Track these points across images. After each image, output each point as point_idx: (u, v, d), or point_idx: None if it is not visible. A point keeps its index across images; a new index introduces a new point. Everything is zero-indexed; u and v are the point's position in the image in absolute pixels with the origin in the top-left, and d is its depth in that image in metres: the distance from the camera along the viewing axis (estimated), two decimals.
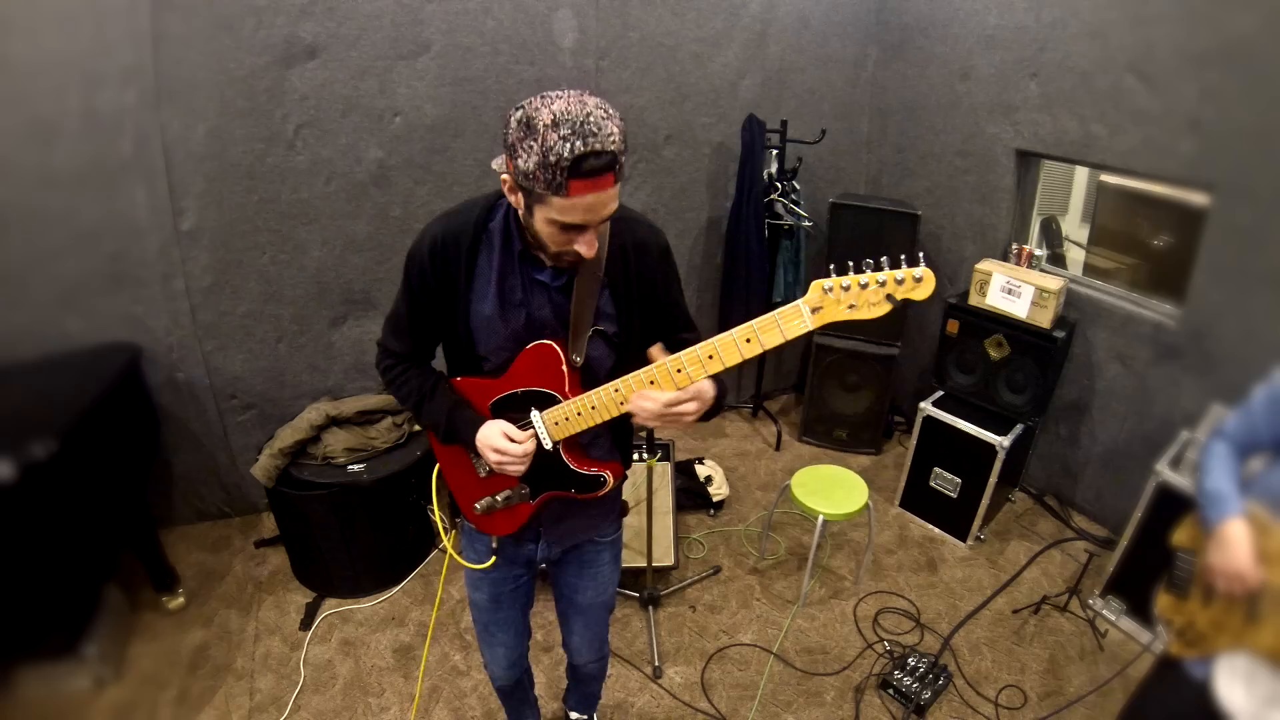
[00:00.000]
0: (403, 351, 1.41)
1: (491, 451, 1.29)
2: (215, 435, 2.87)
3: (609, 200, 1.07)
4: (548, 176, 1.01)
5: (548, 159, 0.99)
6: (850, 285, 1.01)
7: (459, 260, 1.25)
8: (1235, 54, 2.27)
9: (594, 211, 1.06)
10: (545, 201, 1.05)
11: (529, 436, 1.29)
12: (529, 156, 1.01)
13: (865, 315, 1.04)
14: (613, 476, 1.35)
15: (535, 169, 1.01)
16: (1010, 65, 2.99)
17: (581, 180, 1.01)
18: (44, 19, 2.13)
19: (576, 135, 0.98)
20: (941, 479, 3.04)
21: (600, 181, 1.03)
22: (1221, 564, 1.36)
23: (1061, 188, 3.54)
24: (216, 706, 2.22)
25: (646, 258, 1.30)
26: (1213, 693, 1.39)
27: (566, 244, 1.11)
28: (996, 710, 2.28)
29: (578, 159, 0.99)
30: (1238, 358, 2.44)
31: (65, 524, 2.04)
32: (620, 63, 3.03)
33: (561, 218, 1.06)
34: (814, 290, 1.04)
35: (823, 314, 1.05)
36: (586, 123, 0.99)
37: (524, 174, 1.04)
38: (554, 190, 1.02)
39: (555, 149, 0.98)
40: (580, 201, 1.04)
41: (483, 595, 1.61)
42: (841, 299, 1.03)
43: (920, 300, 1.02)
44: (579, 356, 1.25)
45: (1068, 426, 3.12)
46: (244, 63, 2.40)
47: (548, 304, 1.27)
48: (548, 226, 1.10)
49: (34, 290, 2.37)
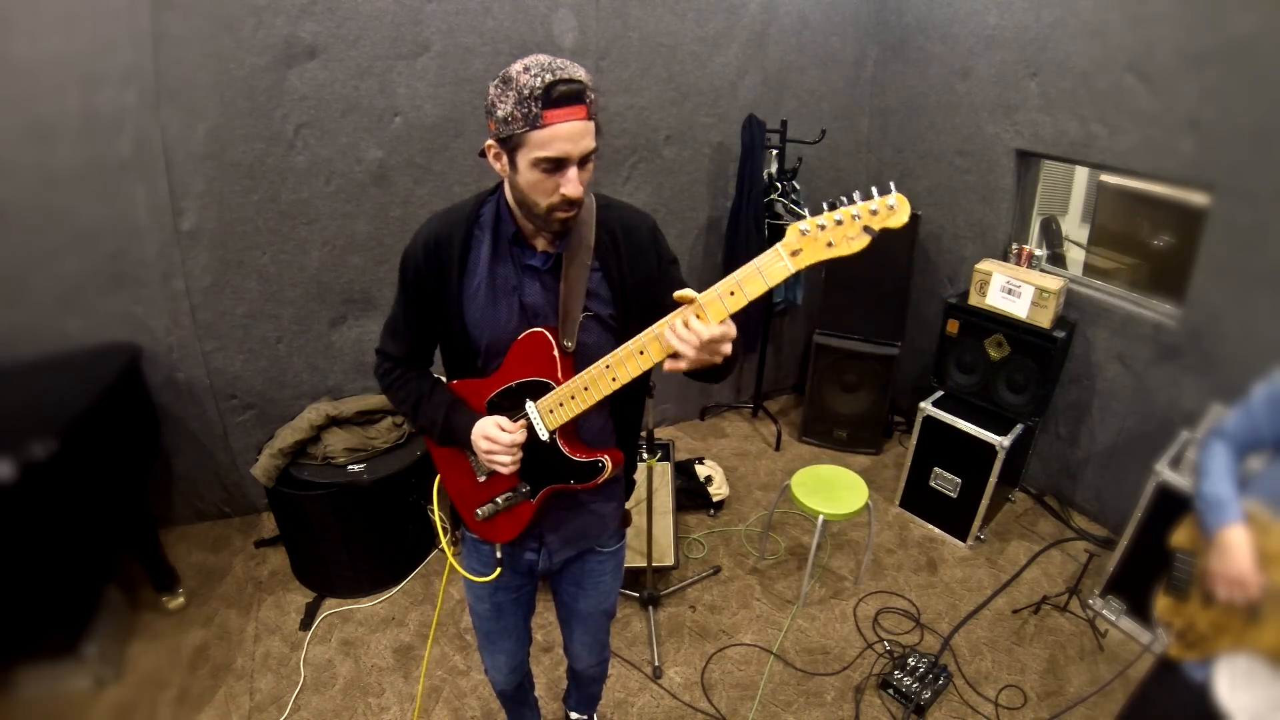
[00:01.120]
0: (400, 355, 1.42)
1: (483, 440, 1.29)
2: (215, 435, 2.87)
3: (585, 132, 1.11)
4: (524, 111, 1.07)
5: (522, 94, 1.06)
6: (826, 223, 1.01)
7: (451, 255, 1.27)
8: (1235, 54, 2.27)
9: (572, 141, 1.10)
10: (525, 142, 1.10)
11: (520, 426, 1.29)
12: (506, 103, 1.08)
13: (845, 251, 1.03)
14: (611, 461, 1.34)
15: (512, 108, 1.08)
16: (1010, 65, 2.98)
17: (555, 109, 1.07)
18: (44, 19, 2.13)
19: (545, 70, 1.06)
20: (941, 479, 3.04)
21: (573, 110, 1.08)
22: (1222, 571, 1.35)
23: (1061, 188, 3.54)
24: (216, 706, 2.22)
25: (635, 238, 1.31)
26: (1213, 694, 1.39)
27: (553, 191, 1.14)
28: (996, 710, 2.28)
29: (548, 86, 1.05)
30: (1238, 358, 2.44)
31: (65, 524, 2.04)
32: (620, 63, 3.03)
33: (542, 152, 1.10)
34: (791, 233, 1.04)
35: (802, 255, 1.04)
36: (553, 62, 1.08)
37: (502, 121, 1.10)
38: (531, 123, 1.07)
39: (527, 84, 1.06)
40: (558, 131, 1.08)
41: (484, 605, 1.61)
42: (819, 237, 1.02)
43: (897, 228, 1.01)
44: (570, 342, 1.25)
45: (1068, 426, 3.12)
46: (244, 63, 2.40)
47: (539, 288, 1.28)
48: (532, 172, 1.12)
49: (34, 290, 2.37)
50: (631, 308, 1.29)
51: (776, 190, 3.40)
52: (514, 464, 1.30)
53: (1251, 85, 2.26)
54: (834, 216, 1.01)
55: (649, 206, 3.35)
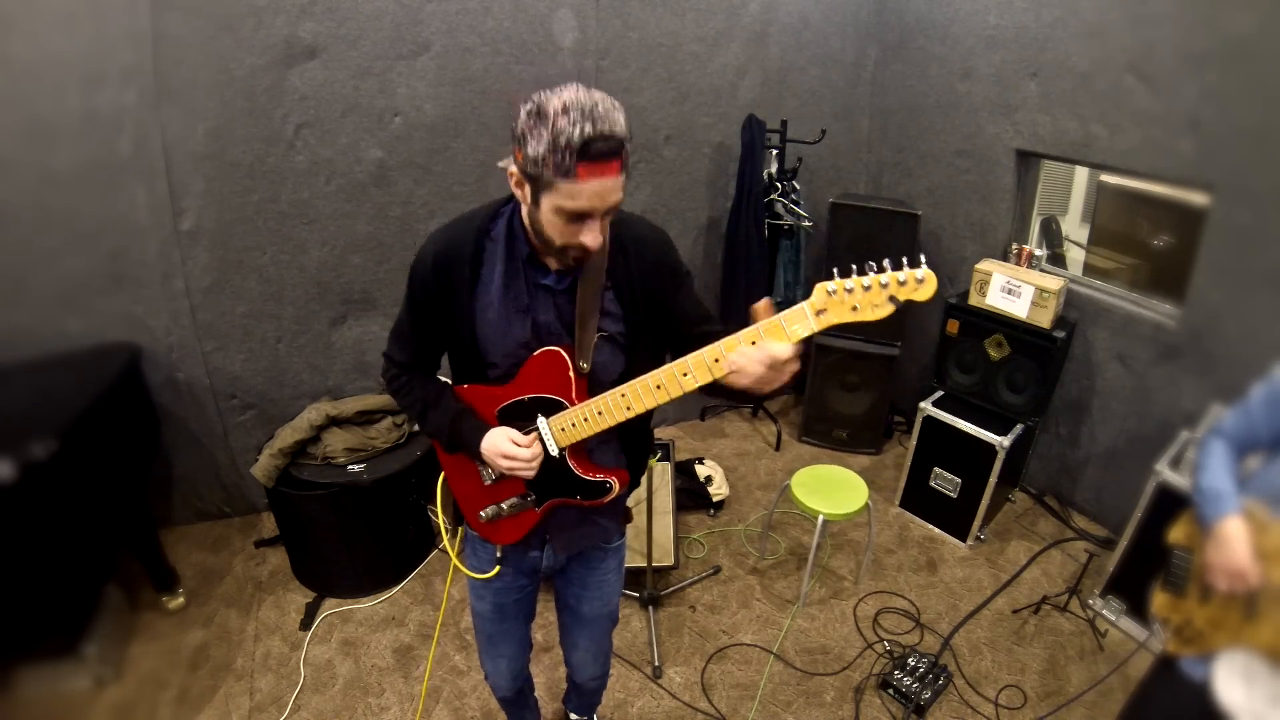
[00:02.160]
0: (407, 361, 1.41)
1: (501, 459, 1.29)
2: (215, 435, 2.87)
3: (614, 188, 1.08)
4: (557, 159, 1.02)
5: (557, 141, 1.01)
6: (854, 287, 1.02)
7: (462, 270, 1.25)
8: (1235, 54, 2.27)
9: (600, 198, 1.07)
10: (553, 188, 1.06)
11: (533, 440, 1.29)
12: (539, 142, 1.03)
13: (868, 317, 1.04)
14: (619, 483, 1.34)
15: (545, 152, 1.03)
16: (1010, 65, 2.98)
17: (589, 164, 1.03)
18: (44, 19, 2.13)
19: (585, 119, 1.01)
20: (941, 479, 3.03)
21: (607, 166, 1.05)
22: (1220, 562, 1.36)
23: (1061, 188, 3.54)
24: (216, 706, 2.22)
25: (647, 253, 1.29)
26: (1212, 691, 1.39)
27: (573, 236, 1.12)
28: (996, 710, 2.28)
29: (586, 141, 1.01)
30: (1238, 358, 2.44)
31: (65, 524, 2.04)
32: (620, 63, 3.03)
33: (569, 203, 1.07)
34: (818, 292, 1.04)
35: (826, 315, 1.05)
36: (595, 109, 1.02)
37: (532, 160, 1.05)
38: (562, 174, 1.04)
39: (565, 132, 1.00)
40: (587, 186, 1.05)
41: (486, 605, 1.60)
42: (845, 300, 1.03)
43: (922, 301, 1.02)
44: (585, 363, 1.25)
45: (1068, 426, 3.12)
46: (244, 63, 2.40)
47: (552, 308, 1.26)
48: (554, 216, 1.10)
49: (34, 290, 2.37)
50: (640, 325, 1.29)
51: (776, 190, 3.40)
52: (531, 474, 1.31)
53: (1251, 85, 2.26)
54: (862, 282, 1.02)
55: (649, 206, 3.35)
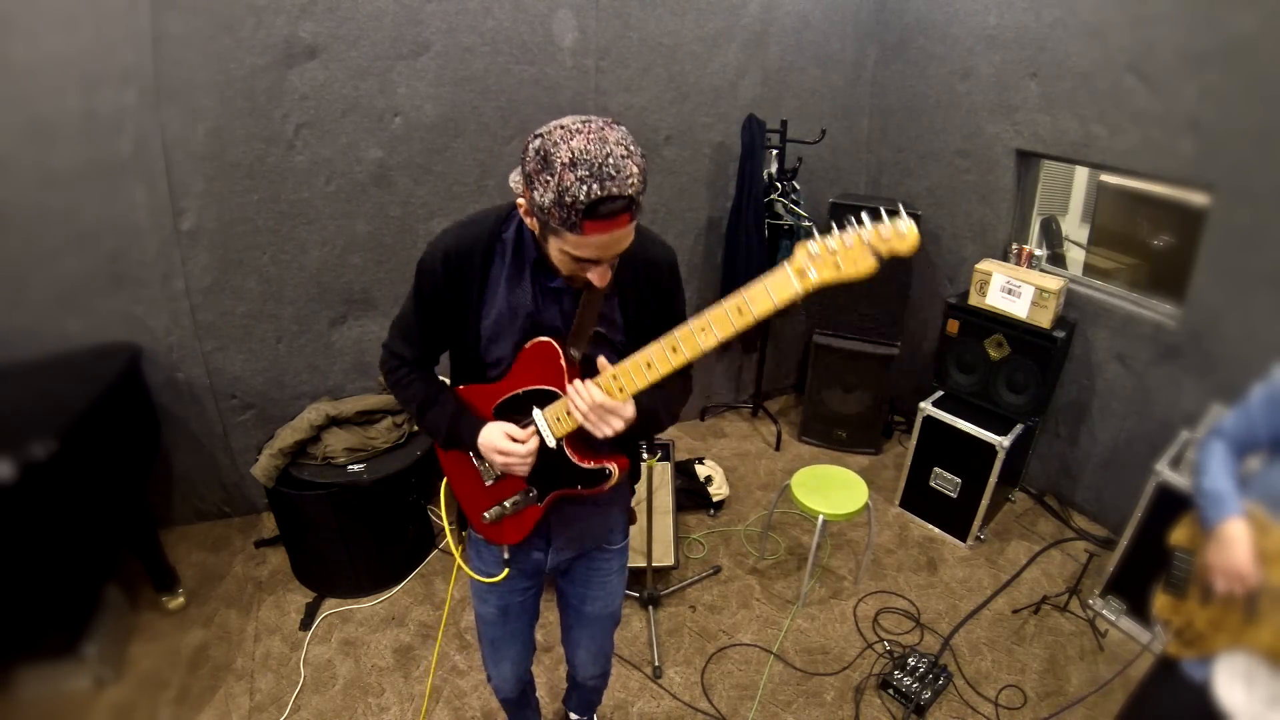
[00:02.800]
0: (410, 356, 1.42)
1: (496, 454, 1.29)
2: (215, 435, 2.87)
3: (623, 238, 1.08)
4: (563, 215, 1.01)
5: (563, 199, 0.99)
6: (835, 245, 1.01)
7: (473, 271, 1.25)
8: (1235, 54, 2.27)
9: (607, 249, 1.08)
10: (559, 235, 1.06)
11: (531, 433, 1.29)
12: (545, 191, 1.00)
13: (852, 274, 1.02)
14: (617, 468, 1.34)
15: (551, 205, 1.01)
16: (1010, 65, 2.99)
17: (597, 221, 1.01)
18: (44, 19, 2.13)
19: (594, 178, 0.97)
20: (941, 479, 3.04)
21: (616, 222, 1.03)
22: (1221, 563, 1.36)
23: (1061, 188, 3.54)
24: (216, 706, 2.22)
25: (656, 274, 1.31)
26: (1212, 693, 1.39)
27: (579, 272, 1.13)
28: (996, 710, 2.28)
29: (594, 203, 0.98)
30: (1238, 358, 2.44)
31: (65, 524, 2.04)
32: (620, 63, 3.03)
33: (575, 252, 1.08)
34: (799, 253, 1.03)
35: (810, 277, 1.04)
36: (605, 164, 0.98)
37: (539, 207, 1.04)
38: (568, 228, 1.03)
39: (572, 190, 0.98)
40: (594, 240, 1.04)
41: (490, 609, 1.60)
42: (827, 259, 1.02)
43: (905, 253, 1.01)
44: (577, 351, 1.26)
45: (1068, 426, 3.12)
46: (244, 63, 2.40)
47: (558, 311, 1.27)
48: (561, 256, 1.11)
49: (34, 290, 2.37)
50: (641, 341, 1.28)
51: (776, 190, 3.40)
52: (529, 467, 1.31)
53: (1251, 85, 2.26)
54: (844, 239, 1.00)
55: (649, 206, 3.34)
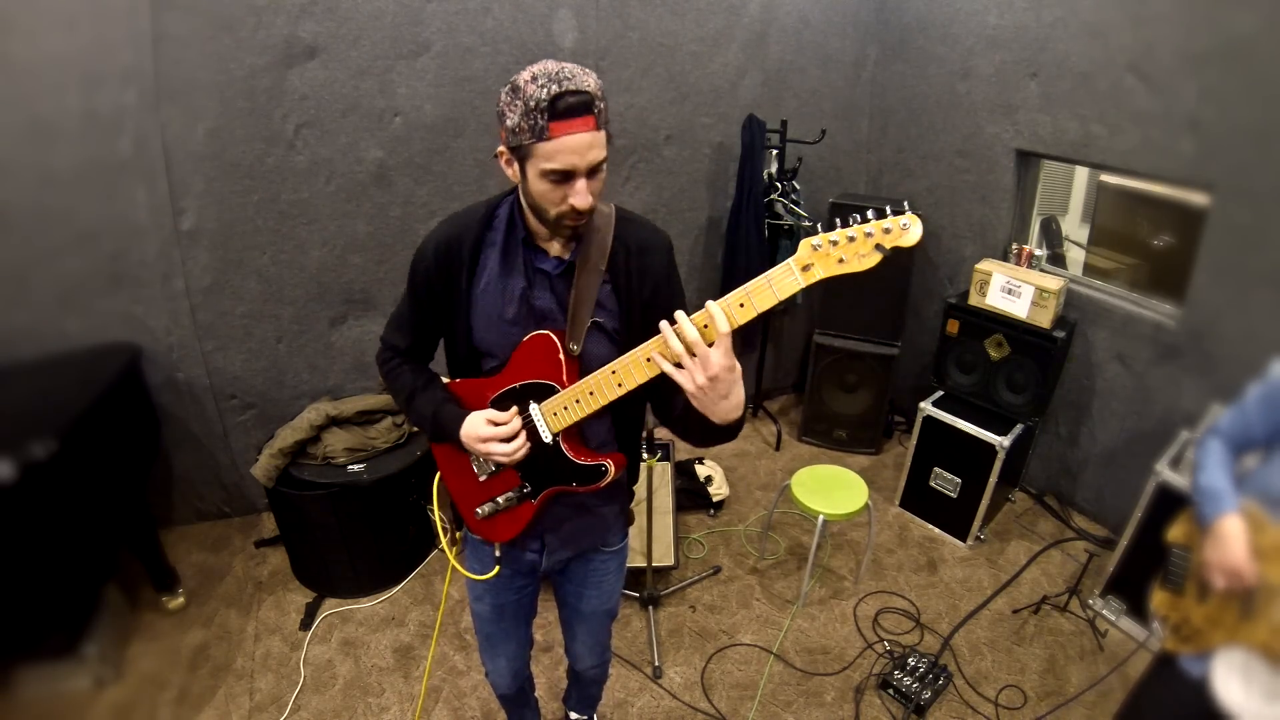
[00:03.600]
0: (403, 346, 1.44)
1: (478, 443, 1.28)
2: (215, 435, 2.87)
3: (592, 143, 1.10)
4: (530, 123, 1.07)
5: (528, 105, 1.06)
6: (839, 239, 1.02)
7: (462, 258, 1.27)
8: (1235, 54, 2.27)
9: (579, 154, 1.09)
10: (533, 153, 1.10)
11: (512, 416, 1.28)
12: (514, 113, 1.09)
13: (856, 267, 1.04)
14: (614, 466, 1.34)
15: (520, 120, 1.08)
16: (1010, 65, 2.98)
17: (561, 121, 1.06)
18: (44, 19, 2.13)
19: (552, 81, 1.06)
20: (941, 479, 3.03)
21: (579, 122, 1.07)
22: (1218, 560, 1.37)
23: (1061, 188, 3.54)
24: (216, 706, 2.22)
25: (649, 257, 1.30)
26: (1211, 689, 1.39)
27: (562, 200, 1.14)
28: (996, 710, 2.28)
29: (554, 99, 1.05)
30: (1238, 358, 2.44)
31: (65, 524, 2.04)
32: (620, 63, 3.03)
33: (549, 164, 1.10)
34: (803, 248, 1.04)
35: (813, 270, 1.04)
36: (561, 72, 1.07)
37: (511, 131, 1.10)
38: (537, 135, 1.07)
39: (534, 96, 1.06)
40: (563, 143, 1.08)
41: (485, 606, 1.60)
42: (830, 253, 1.03)
43: (908, 247, 1.03)
44: (576, 345, 1.25)
45: (1068, 426, 3.12)
46: (244, 63, 2.40)
47: (549, 292, 1.28)
48: (541, 182, 1.13)
49: (34, 290, 2.37)
50: (635, 324, 1.29)
51: (776, 190, 3.40)
52: (513, 451, 1.28)
53: (1251, 85, 2.26)
54: (847, 233, 1.01)
55: (649, 206, 3.35)
